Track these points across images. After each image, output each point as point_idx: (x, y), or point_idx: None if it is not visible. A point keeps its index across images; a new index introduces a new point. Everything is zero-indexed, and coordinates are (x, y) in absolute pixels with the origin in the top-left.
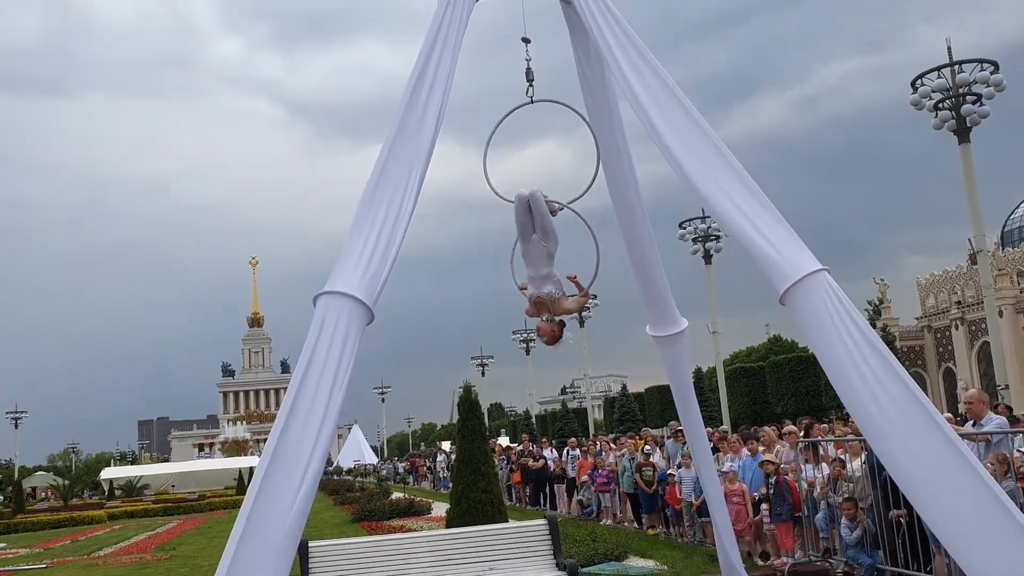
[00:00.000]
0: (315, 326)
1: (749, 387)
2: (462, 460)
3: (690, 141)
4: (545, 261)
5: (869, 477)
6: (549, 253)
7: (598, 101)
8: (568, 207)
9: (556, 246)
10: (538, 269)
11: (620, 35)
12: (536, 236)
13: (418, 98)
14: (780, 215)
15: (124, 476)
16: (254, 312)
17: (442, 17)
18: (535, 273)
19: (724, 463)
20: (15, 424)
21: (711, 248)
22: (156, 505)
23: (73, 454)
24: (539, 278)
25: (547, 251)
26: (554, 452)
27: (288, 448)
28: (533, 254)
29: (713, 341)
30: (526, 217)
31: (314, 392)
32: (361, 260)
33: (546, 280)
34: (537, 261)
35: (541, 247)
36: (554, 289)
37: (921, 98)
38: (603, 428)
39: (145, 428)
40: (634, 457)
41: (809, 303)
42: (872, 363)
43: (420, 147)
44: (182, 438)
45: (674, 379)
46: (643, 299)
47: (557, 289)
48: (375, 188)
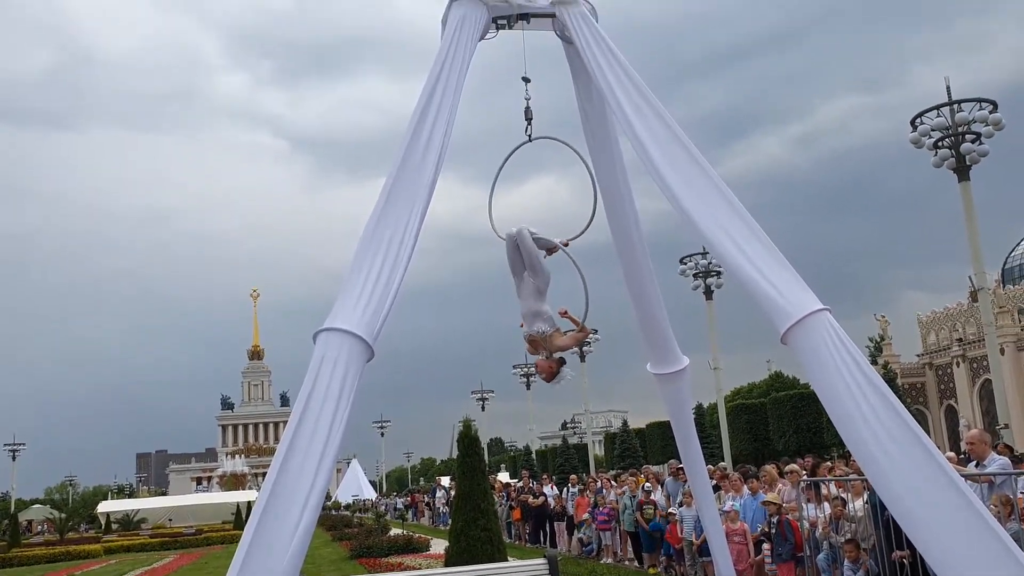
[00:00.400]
0: (315, 362)
1: (750, 424)
2: (461, 497)
3: (690, 179)
4: (536, 298)
5: (871, 517)
6: (539, 289)
7: (599, 138)
8: (560, 246)
9: (546, 283)
10: (530, 306)
11: (621, 74)
12: (526, 273)
13: (420, 136)
14: (781, 254)
15: (121, 510)
16: (254, 345)
17: (445, 56)
18: (527, 310)
19: (726, 502)
20: (12, 456)
21: (712, 284)
22: (153, 539)
23: (70, 487)
24: (531, 315)
25: (536, 288)
26: (555, 489)
27: (287, 484)
28: (525, 291)
29: (714, 377)
30: (515, 255)
31: (313, 429)
32: (362, 297)
33: (537, 317)
34: (529, 298)
35: (531, 284)
36: (546, 326)
37: (921, 136)
38: (604, 464)
39: (143, 461)
40: (635, 495)
41: (810, 343)
42: (873, 403)
43: (421, 185)
44: (180, 471)
45: (675, 417)
46: (644, 336)
47: (549, 326)
48: (376, 225)
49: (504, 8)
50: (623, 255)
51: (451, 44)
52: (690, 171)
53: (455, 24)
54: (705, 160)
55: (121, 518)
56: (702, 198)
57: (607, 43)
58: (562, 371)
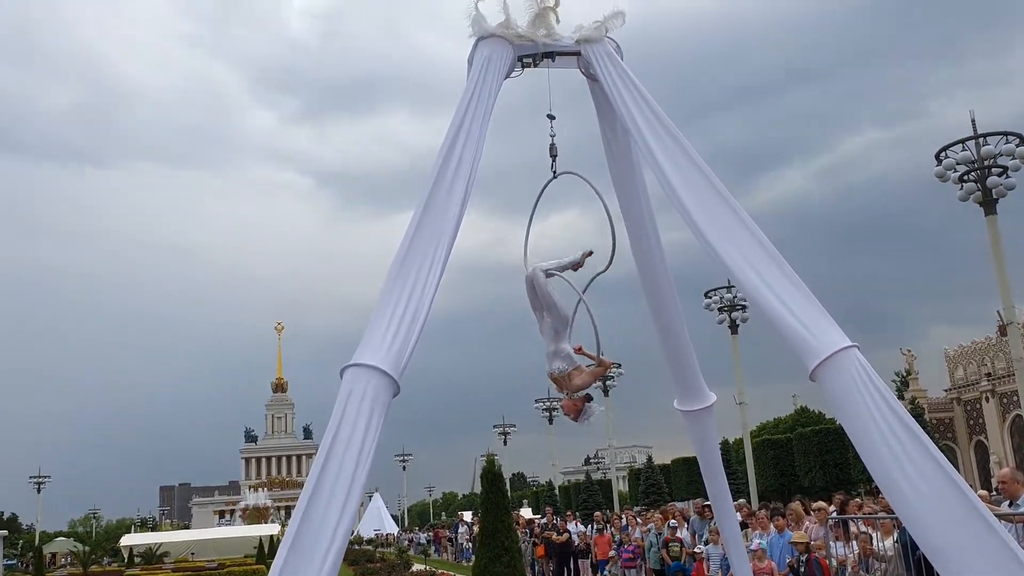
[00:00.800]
0: (341, 398)
1: (776, 459)
2: (485, 533)
3: (715, 213)
4: (554, 337)
5: (902, 556)
6: (556, 329)
7: (623, 172)
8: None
9: (564, 323)
10: (549, 345)
11: (646, 110)
12: (545, 313)
13: (446, 173)
14: (807, 289)
15: (144, 543)
16: (278, 377)
17: (471, 94)
18: (548, 350)
19: (752, 540)
20: (38, 489)
21: (737, 318)
22: (175, 573)
23: (94, 519)
24: (551, 354)
25: (554, 327)
26: (579, 525)
27: (314, 520)
28: (545, 331)
29: (739, 412)
30: (533, 295)
31: (340, 463)
32: (388, 332)
33: (556, 356)
34: (549, 337)
35: (549, 323)
36: (564, 364)
37: (946, 170)
38: (628, 500)
39: (166, 494)
40: (660, 532)
41: (839, 380)
42: (903, 440)
43: (447, 221)
44: (203, 504)
45: (702, 454)
46: (671, 372)
47: (568, 364)
48: (403, 261)
49: (530, 47)
50: (649, 290)
51: (477, 82)
52: (715, 205)
53: (481, 63)
54: (730, 194)
55: (144, 551)
56: (727, 232)
57: (632, 80)
58: (588, 408)
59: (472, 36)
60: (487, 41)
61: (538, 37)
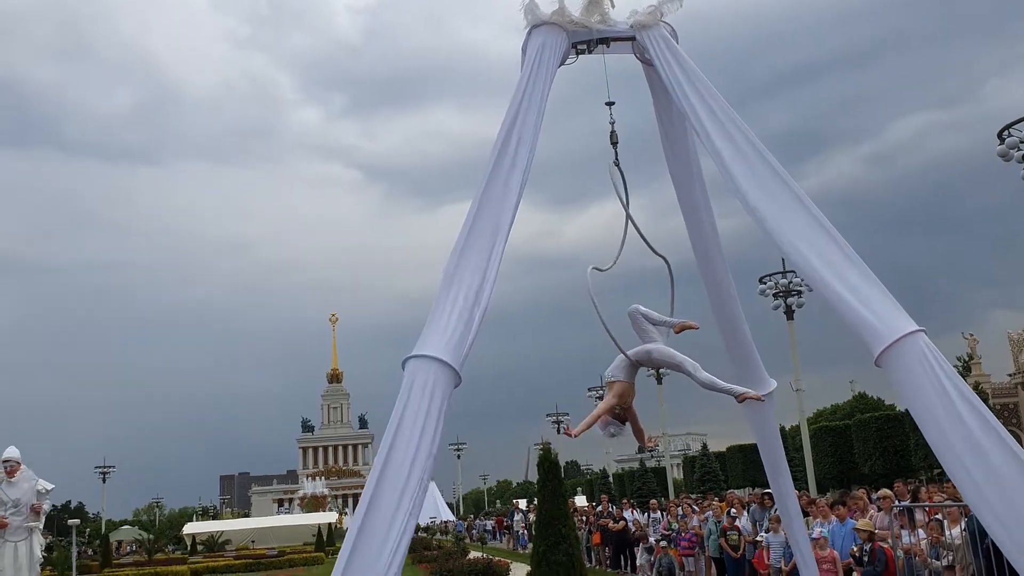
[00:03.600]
0: (404, 389)
1: (834, 447)
2: (542, 522)
3: (776, 198)
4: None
5: (970, 545)
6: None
7: (679, 157)
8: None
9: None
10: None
11: (704, 93)
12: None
13: (503, 162)
14: (872, 273)
15: (206, 531)
16: (333, 368)
17: (526, 83)
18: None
19: (813, 528)
20: (103, 478)
21: (793, 303)
22: (237, 561)
23: (157, 508)
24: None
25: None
26: (635, 513)
27: (381, 509)
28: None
29: (797, 399)
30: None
31: (404, 453)
32: (448, 324)
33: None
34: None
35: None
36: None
37: (1009, 149)
38: (683, 488)
39: (226, 483)
40: (719, 520)
41: (906, 365)
42: (973, 427)
43: (505, 211)
44: (262, 493)
45: (763, 441)
46: (731, 360)
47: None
48: (461, 253)
49: (584, 33)
50: (706, 276)
51: (532, 70)
52: (775, 188)
53: (535, 51)
54: (790, 177)
55: (206, 540)
56: (788, 216)
57: (688, 63)
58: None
59: (526, 25)
60: (541, 29)
61: (592, 23)
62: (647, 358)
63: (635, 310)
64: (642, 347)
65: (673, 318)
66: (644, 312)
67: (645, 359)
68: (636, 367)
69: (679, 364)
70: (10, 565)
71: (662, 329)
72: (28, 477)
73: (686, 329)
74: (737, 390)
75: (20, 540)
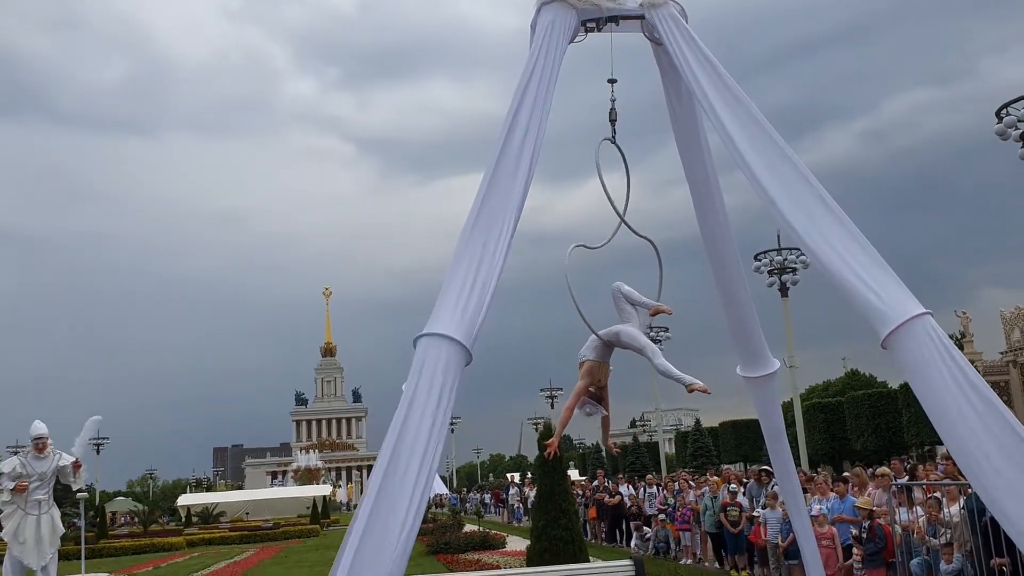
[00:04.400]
0: (415, 367)
1: (827, 423)
2: (542, 497)
3: (782, 176)
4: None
5: (968, 522)
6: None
7: (688, 136)
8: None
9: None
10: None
11: (712, 73)
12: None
13: (512, 141)
14: (878, 254)
15: (200, 503)
16: (327, 342)
17: (535, 61)
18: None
19: (812, 505)
20: (97, 450)
21: (787, 280)
22: (232, 532)
23: (151, 480)
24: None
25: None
26: (630, 488)
27: (392, 489)
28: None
29: (790, 376)
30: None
31: (416, 430)
32: (459, 302)
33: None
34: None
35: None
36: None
37: (1007, 127)
38: (675, 463)
39: (219, 455)
40: (716, 496)
41: (912, 348)
42: (980, 410)
43: (515, 190)
44: (256, 466)
45: (765, 420)
46: (734, 339)
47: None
48: (471, 231)
49: (593, 11)
50: (713, 256)
51: (541, 48)
52: (781, 167)
53: (544, 28)
54: (796, 155)
55: (200, 511)
56: (794, 195)
57: (697, 43)
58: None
59: (536, 1)
60: (550, 6)
61: (602, 1)
62: (615, 339)
63: (617, 288)
64: (612, 327)
65: (655, 301)
66: (626, 291)
67: (614, 339)
68: (609, 347)
69: (641, 348)
70: (32, 537)
71: (640, 310)
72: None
73: (660, 313)
74: (687, 379)
75: (43, 513)
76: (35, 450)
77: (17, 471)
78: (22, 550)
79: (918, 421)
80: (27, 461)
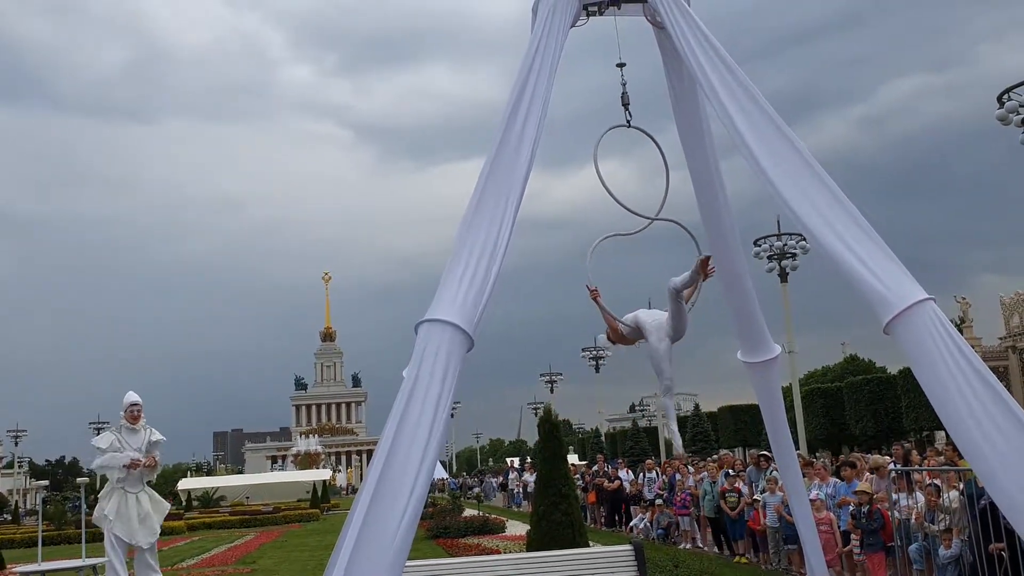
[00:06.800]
0: (417, 353)
1: (826, 408)
2: (542, 482)
3: (784, 161)
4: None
5: (967, 509)
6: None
7: (690, 122)
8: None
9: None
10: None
11: (714, 58)
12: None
13: (514, 126)
14: (881, 239)
15: (201, 487)
16: (326, 327)
17: (537, 45)
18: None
19: (811, 490)
20: (97, 434)
21: (787, 266)
22: (233, 517)
23: None
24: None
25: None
26: (630, 473)
27: (394, 474)
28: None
29: (789, 361)
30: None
31: (418, 417)
32: (461, 287)
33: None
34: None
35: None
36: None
37: (1008, 112)
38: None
39: (220, 439)
40: (715, 481)
41: (916, 334)
42: (983, 398)
43: (516, 175)
44: (256, 450)
45: (766, 405)
46: (736, 324)
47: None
48: (473, 215)
49: None
50: (714, 241)
51: (543, 32)
52: (783, 151)
53: (546, 12)
54: (799, 140)
55: (201, 495)
56: (796, 179)
57: (700, 26)
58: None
59: None
60: None
61: None
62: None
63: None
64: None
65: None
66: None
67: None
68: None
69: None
70: (136, 515)
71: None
72: (146, 426)
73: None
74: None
75: (140, 491)
76: (128, 419)
77: (115, 446)
78: (129, 529)
79: (917, 406)
80: (122, 436)
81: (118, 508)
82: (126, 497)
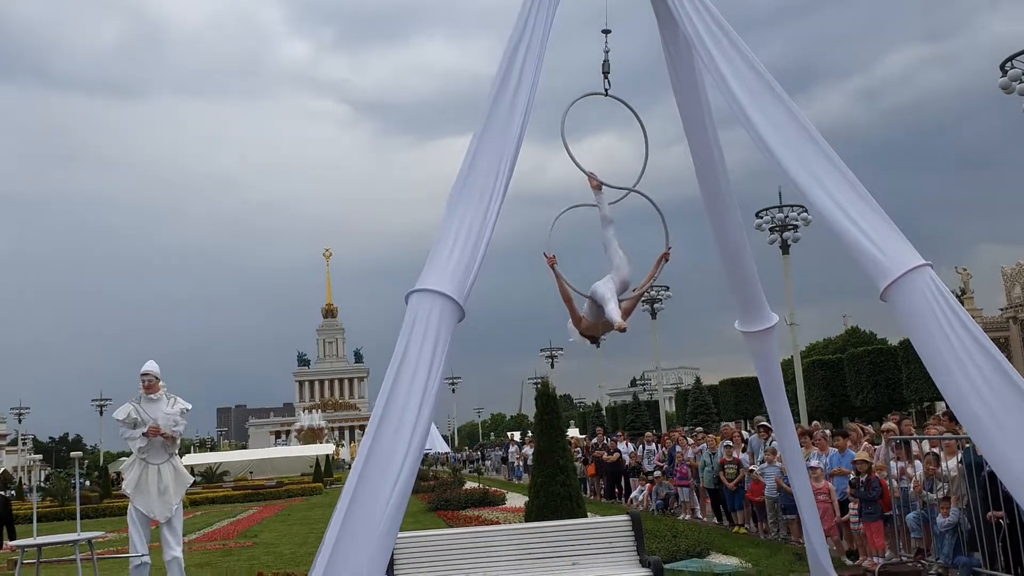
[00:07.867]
0: (407, 323)
1: (827, 380)
2: (541, 454)
3: (782, 128)
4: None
5: (966, 477)
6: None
7: (687, 88)
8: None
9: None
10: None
11: (711, 22)
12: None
13: (503, 97)
14: (879, 206)
15: (204, 463)
16: (328, 303)
17: (527, 14)
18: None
19: (810, 460)
20: (100, 411)
21: (788, 238)
22: (236, 491)
23: None
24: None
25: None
26: (629, 446)
27: (384, 445)
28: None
29: (791, 333)
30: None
31: (408, 388)
32: (451, 257)
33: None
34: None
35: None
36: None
37: (1011, 80)
38: (675, 421)
39: (223, 415)
40: (715, 452)
41: (912, 300)
42: (980, 363)
43: (507, 145)
44: (259, 426)
45: (764, 375)
46: (733, 293)
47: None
48: (463, 186)
49: None
50: (712, 210)
51: (534, 1)
52: (781, 118)
53: None
54: (797, 107)
55: (204, 471)
56: (794, 146)
57: None
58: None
59: None
60: None
61: None
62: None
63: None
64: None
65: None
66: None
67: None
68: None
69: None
70: (155, 487)
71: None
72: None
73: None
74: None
75: (162, 463)
76: (144, 390)
77: (132, 417)
78: (147, 502)
79: (918, 377)
80: (140, 407)
81: (138, 481)
82: (147, 469)
